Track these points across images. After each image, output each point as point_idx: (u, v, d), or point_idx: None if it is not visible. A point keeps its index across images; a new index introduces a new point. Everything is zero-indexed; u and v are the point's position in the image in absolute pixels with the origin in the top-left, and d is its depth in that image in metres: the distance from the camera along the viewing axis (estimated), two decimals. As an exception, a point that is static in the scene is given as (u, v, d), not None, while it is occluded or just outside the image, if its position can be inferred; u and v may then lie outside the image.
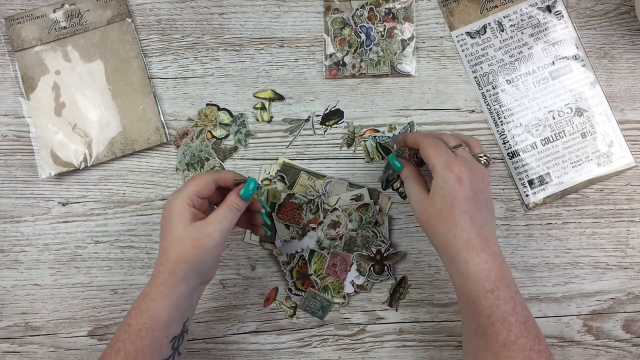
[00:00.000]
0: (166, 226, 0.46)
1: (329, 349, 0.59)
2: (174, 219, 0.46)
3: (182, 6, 0.61)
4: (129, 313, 0.46)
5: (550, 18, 0.61)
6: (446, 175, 0.46)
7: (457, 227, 0.45)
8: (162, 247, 0.47)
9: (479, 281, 0.44)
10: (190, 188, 0.47)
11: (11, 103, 0.60)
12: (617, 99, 0.60)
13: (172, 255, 0.46)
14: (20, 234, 0.59)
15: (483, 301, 0.44)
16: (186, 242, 0.46)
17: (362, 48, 0.60)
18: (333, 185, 0.59)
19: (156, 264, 0.47)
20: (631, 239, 0.60)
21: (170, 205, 0.47)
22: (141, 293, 0.47)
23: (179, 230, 0.46)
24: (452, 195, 0.45)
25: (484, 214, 0.46)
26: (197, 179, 0.48)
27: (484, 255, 0.44)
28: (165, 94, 0.61)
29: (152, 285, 0.46)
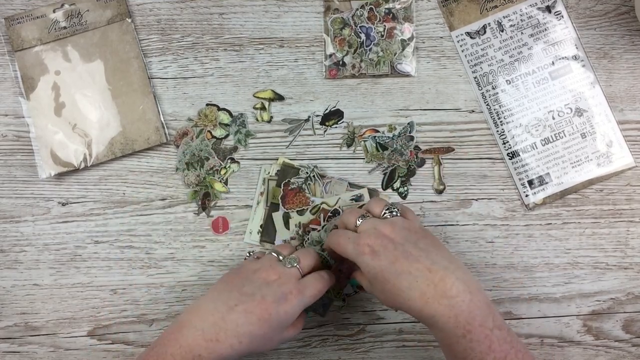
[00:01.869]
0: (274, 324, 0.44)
1: (329, 349, 0.59)
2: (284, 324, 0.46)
3: (182, 6, 0.61)
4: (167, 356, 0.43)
5: (550, 18, 0.61)
6: (362, 259, 0.45)
7: (404, 290, 0.43)
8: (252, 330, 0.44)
9: (449, 330, 0.42)
10: (313, 301, 0.47)
11: (11, 103, 0.60)
12: (617, 99, 0.60)
13: (255, 346, 0.45)
14: (20, 234, 0.60)
15: (456, 347, 0.42)
16: (272, 344, 0.46)
17: (362, 48, 0.60)
18: (333, 186, 0.59)
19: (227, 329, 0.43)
20: (631, 239, 0.60)
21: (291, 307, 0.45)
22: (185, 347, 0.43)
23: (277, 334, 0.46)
24: (380, 271, 0.44)
25: (423, 257, 0.44)
26: (320, 293, 0.48)
27: (446, 300, 0.42)
28: (165, 94, 0.61)
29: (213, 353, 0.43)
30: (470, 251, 0.60)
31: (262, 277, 0.46)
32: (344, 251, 0.47)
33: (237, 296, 0.45)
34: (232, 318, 0.44)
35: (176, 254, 0.59)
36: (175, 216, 0.60)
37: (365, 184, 0.60)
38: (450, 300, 0.42)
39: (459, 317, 0.42)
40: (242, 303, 0.44)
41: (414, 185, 0.60)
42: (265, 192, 0.59)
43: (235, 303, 0.44)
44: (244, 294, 0.45)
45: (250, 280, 0.46)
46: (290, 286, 0.46)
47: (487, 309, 0.43)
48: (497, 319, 0.43)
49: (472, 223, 0.60)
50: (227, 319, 0.44)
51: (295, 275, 0.47)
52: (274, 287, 0.45)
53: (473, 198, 0.60)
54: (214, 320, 0.44)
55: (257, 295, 0.44)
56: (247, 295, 0.45)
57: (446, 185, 0.60)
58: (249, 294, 0.45)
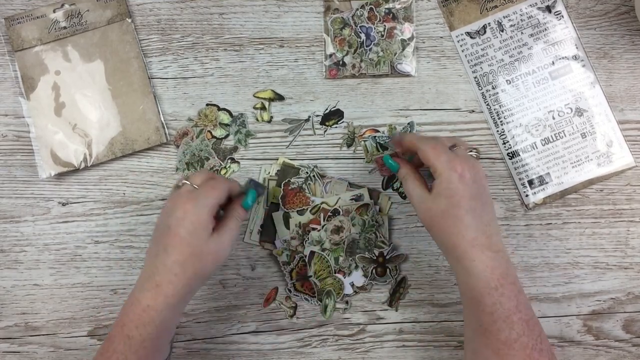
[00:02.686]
0: (187, 237, 0.45)
1: (329, 349, 0.59)
2: (199, 232, 0.45)
3: (182, 6, 0.61)
4: (126, 324, 0.44)
5: (550, 18, 0.61)
6: (450, 176, 0.46)
7: (464, 226, 0.45)
8: (176, 259, 0.44)
9: (483, 278, 0.44)
10: (213, 200, 0.46)
11: (11, 103, 0.60)
12: (617, 99, 0.60)
13: (191, 269, 0.45)
14: (20, 234, 0.59)
15: (486, 298, 0.44)
16: (208, 257, 0.46)
17: (362, 48, 0.60)
18: (333, 185, 0.59)
19: (159, 271, 0.45)
20: (631, 239, 0.60)
21: (190, 215, 0.45)
22: (136, 303, 0.45)
23: (201, 244, 0.45)
24: (459, 195, 0.45)
25: (487, 211, 0.47)
26: (218, 189, 0.47)
27: (490, 252, 0.45)
28: (165, 94, 0.61)
29: (159, 297, 0.44)
30: (470, 251, 0.60)
31: (164, 211, 0.48)
32: (435, 157, 0.47)
33: (156, 242, 0.46)
34: (159, 261, 0.45)
35: (176, 254, 0.59)
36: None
37: (365, 184, 0.60)
38: (493, 255, 0.45)
39: (495, 269, 0.44)
40: (160, 244, 0.46)
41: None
42: (266, 193, 0.59)
43: (156, 248, 0.46)
44: (158, 237, 0.46)
45: (159, 221, 0.48)
46: (184, 200, 0.46)
47: (516, 276, 0.46)
48: (522, 287, 0.46)
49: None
50: (156, 263, 0.45)
51: (187, 189, 0.48)
52: (174, 212, 0.46)
53: (473, 198, 0.60)
54: (151, 271, 0.45)
55: (165, 228, 0.46)
56: (160, 235, 0.46)
57: (446, 185, 0.60)
58: (160, 233, 0.46)
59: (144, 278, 0.46)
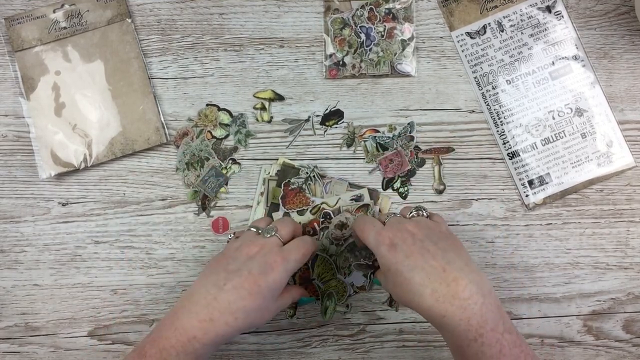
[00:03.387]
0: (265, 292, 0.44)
1: (329, 349, 0.59)
2: (275, 292, 0.46)
3: (182, 6, 0.61)
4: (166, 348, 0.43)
5: (550, 18, 0.61)
6: (379, 250, 0.46)
7: (416, 285, 0.43)
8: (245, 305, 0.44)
9: (460, 332, 0.42)
10: (299, 264, 0.47)
11: (11, 103, 0.60)
12: (617, 99, 0.60)
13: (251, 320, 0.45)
14: (20, 234, 0.60)
15: (467, 350, 0.42)
16: (268, 314, 0.47)
17: (362, 48, 0.60)
18: (333, 186, 0.59)
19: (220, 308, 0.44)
20: (631, 239, 0.60)
21: (275, 274, 0.45)
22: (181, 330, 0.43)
23: (271, 303, 0.46)
24: (394, 264, 0.44)
25: (439, 256, 0.44)
26: (308, 253, 0.48)
27: (458, 301, 0.42)
28: (165, 94, 0.61)
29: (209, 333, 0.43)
30: (470, 251, 0.60)
31: (245, 253, 0.47)
32: (365, 238, 0.48)
33: (224, 275, 0.45)
34: (223, 297, 0.44)
35: (176, 254, 0.59)
36: (175, 216, 0.60)
37: (365, 184, 0.60)
38: (462, 302, 0.42)
39: (470, 320, 0.41)
40: (230, 280, 0.45)
41: (414, 186, 0.60)
42: (266, 192, 0.59)
43: (224, 282, 0.45)
44: (230, 272, 0.45)
45: (234, 258, 0.47)
46: (274, 255, 0.46)
47: (498, 312, 0.43)
48: (507, 323, 0.43)
49: (473, 223, 0.60)
50: (219, 298, 0.44)
51: (276, 243, 0.48)
52: (258, 259, 0.46)
53: (473, 198, 0.60)
54: (207, 301, 0.44)
55: (244, 270, 0.45)
56: (234, 273, 0.45)
57: (446, 185, 0.60)
58: (235, 271, 0.45)
59: (198, 305, 0.44)
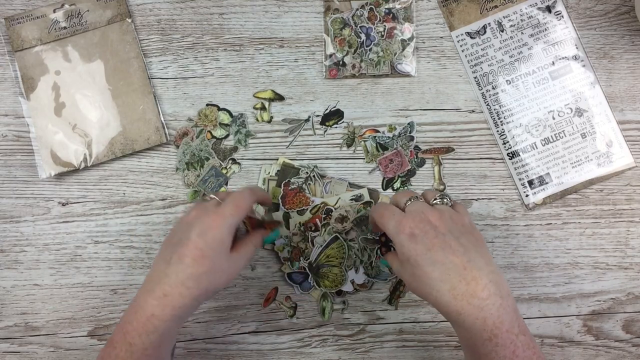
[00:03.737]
0: (208, 253, 0.44)
1: (329, 349, 0.59)
2: (220, 250, 0.45)
3: (182, 6, 0.61)
4: (129, 331, 0.44)
5: (550, 18, 0.61)
6: (400, 239, 0.44)
7: (435, 280, 0.42)
8: (193, 272, 0.44)
9: (475, 331, 0.41)
10: (236, 218, 0.46)
11: (11, 103, 0.60)
12: (617, 99, 0.60)
13: (204, 284, 0.44)
14: (20, 234, 0.60)
15: (481, 349, 0.42)
16: (223, 274, 0.46)
17: (362, 48, 0.60)
18: (333, 186, 0.59)
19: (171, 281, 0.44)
20: (631, 239, 0.60)
21: (214, 232, 0.45)
22: (140, 311, 0.44)
23: (220, 262, 0.45)
24: (414, 255, 0.43)
25: (461, 252, 0.43)
26: (243, 205, 0.47)
27: (477, 300, 0.41)
28: (165, 94, 0.61)
29: (166, 307, 0.43)
30: (470, 251, 0.60)
31: (185, 221, 0.47)
32: (385, 225, 0.47)
33: (170, 249, 0.45)
34: (171, 270, 0.44)
35: (176, 254, 0.59)
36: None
37: (365, 184, 0.60)
38: (480, 302, 0.41)
39: (487, 320, 0.41)
40: (175, 252, 0.44)
41: (414, 185, 0.60)
42: (266, 191, 0.59)
43: (170, 256, 0.45)
44: (175, 244, 0.45)
45: (177, 230, 0.47)
46: (209, 214, 0.46)
47: (515, 314, 0.43)
48: (521, 325, 0.43)
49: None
50: (167, 272, 0.44)
51: (213, 204, 0.47)
52: (195, 224, 0.45)
53: (473, 198, 0.60)
54: (158, 278, 0.44)
55: (184, 239, 0.45)
56: (177, 244, 0.45)
57: (446, 185, 0.60)
58: (178, 242, 0.45)
59: (152, 283, 0.45)
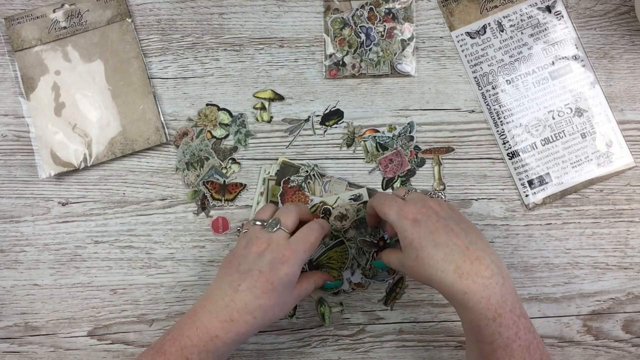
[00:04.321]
0: (279, 288, 0.45)
1: (329, 349, 0.59)
2: (290, 286, 0.46)
3: (182, 6, 0.61)
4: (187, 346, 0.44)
5: (550, 18, 0.61)
6: (402, 224, 0.45)
7: (439, 261, 0.43)
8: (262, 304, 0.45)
9: (480, 310, 0.42)
10: (309, 253, 0.47)
11: (11, 103, 0.60)
12: (617, 99, 0.60)
13: (270, 317, 0.46)
14: (20, 234, 0.60)
15: (485, 330, 0.42)
16: (286, 307, 0.47)
17: (362, 48, 0.60)
18: (332, 185, 0.59)
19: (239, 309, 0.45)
20: (631, 239, 0.60)
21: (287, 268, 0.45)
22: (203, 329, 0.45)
23: (287, 297, 0.47)
24: (417, 239, 0.44)
25: (462, 235, 0.44)
26: (314, 240, 0.47)
27: (480, 279, 0.42)
28: (165, 94, 0.61)
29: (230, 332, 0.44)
30: (470, 251, 0.60)
31: (254, 251, 0.47)
32: (386, 212, 0.47)
33: (237, 276, 0.46)
34: (239, 298, 0.45)
35: (176, 254, 0.59)
36: (175, 216, 0.60)
37: (365, 184, 0.60)
38: (485, 281, 0.42)
39: (491, 299, 0.42)
40: (244, 281, 0.45)
41: (414, 185, 0.60)
42: (265, 192, 0.59)
43: (238, 283, 0.45)
44: (242, 273, 0.46)
45: (244, 257, 0.47)
46: (282, 249, 0.46)
47: (516, 296, 0.44)
48: (522, 308, 0.44)
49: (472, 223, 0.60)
50: (235, 299, 0.45)
51: (283, 236, 0.48)
52: (267, 256, 0.46)
53: (473, 198, 0.60)
54: (225, 302, 0.45)
55: (254, 270, 0.45)
56: (246, 273, 0.46)
57: (446, 185, 0.60)
58: (247, 271, 0.46)
59: (217, 306, 0.45)
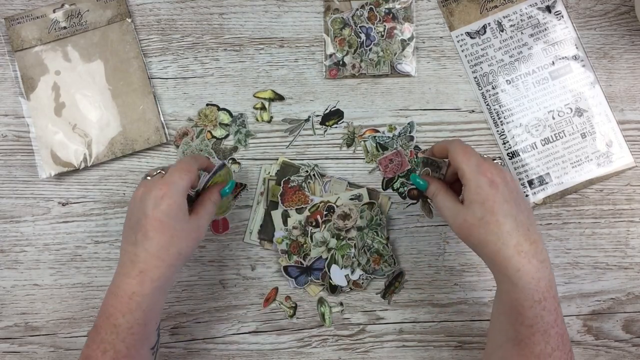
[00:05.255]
0: (167, 221, 0.45)
1: (329, 349, 0.59)
2: (177, 215, 0.46)
3: (182, 6, 0.61)
4: (112, 314, 0.44)
5: (550, 18, 0.61)
6: (480, 180, 0.43)
7: (505, 232, 0.43)
8: (158, 242, 0.45)
9: (528, 290, 0.42)
10: (186, 182, 0.46)
11: (11, 103, 0.60)
12: (617, 99, 0.60)
13: (174, 251, 0.45)
14: (20, 234, 0.60)
15: (528, 311, 0.42)
16: (189, 237, 0.46)
17: (362, 48, 0.60)
18: (332, 185, 0.59)
19: (144, 258, 0.45)
20: (631, 239, 0.60)
21: (168, 199, 0.45)
22: (120, 293, 0.45)
23: (182, 225, 0.46)
24: (491, 200, 0.43)
25: (525, 215, 0.44)
26: (189, 170, 0.47)
27: (535, 262, 0.43)
28: (165, 94, 0.61)
29: (144, 283, 0.44)
30: (470, 251, 0.59)
31: (137, 200, 0.47)
32: (464, 160, 0.45)
33: (131, 231, 0.46)
34: (140, 250, 0.45)
35: (176, 254, 0.59)
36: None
37: (365, 184, 0.60)
38: (539, 264, 0.43)
39: (541, 281, 0.42)
40: (137, 232, 0.45)
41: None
42: (265, 192, 0.59)
43: (134, 237, 0.46)
44: (134, 225, 0.46)
45: (131, 211, 0.48)
46: (158, 185, 0.46)
47: (556, 286, 0.44)
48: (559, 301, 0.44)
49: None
50: (137, 251, 0.45)
51: (158, 177, 0.48)
52: (146, 198, 0.46)
53: (473, 198, 0.60)
54: (130, 259, 0.45)
55: (141, 216, 0.45)
56: (136, 223, 0.46)
57: (446, 185, 0.60)
58: (137, 222, 0.46)
59: (125, 266, 0.45)
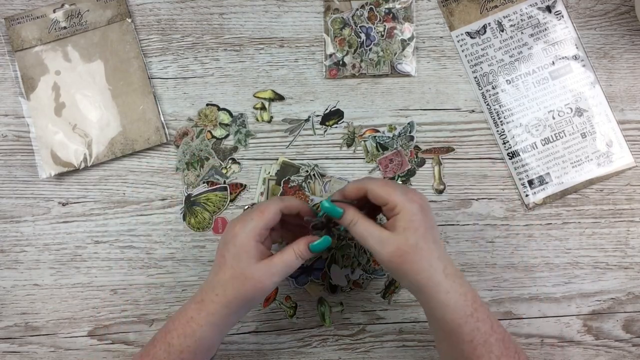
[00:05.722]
0: (229, 260, 0.45)
1: (329, 349, 0.59)
2: (241, 256, 0.45)
3: (182, 6, 0.61)
4: (170, 332, 0.46)
5: (550, 18, 0.61)
6: (412, 208, 0.44)
7: (434, 258, 0.44)
8: (219, 279, 0.45)
9: (460, 308, 0.43)
10: (259, 223, 0.45)
11: (11, 103, 0.60)
12: (617, 99, 0.60)
13: (231, 292, 0.45)
14: (20, 234, 0.60)
15: (464, 327, 0.43)
16: (249, 282, 0.45)
17: (362, 48, 0.60)
18: (332, 185, 0.59)
19: (206, 288, 0.46)
20: (631, 239, 0.60)
21: (235, 239, 0.45)
22: (183, 313, 0.46)
23: (244, 268, 0.45)
24: (423, 227, 0.44)
25: (438, 235, 0.46)
26: (266, 211, 0.46)
27: (458, 279, 0.44)
28: (165, 94, 0.61)
29: (202, 312, 0.45)
30: (470, 251, 0.60)
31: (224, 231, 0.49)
32: (389, 193, 0.45)
33: (214, 259, 0.48)
34: (209, 277, 0.47)
35: (176, 254, 0.59)
36: (175, 216, 0.60)
37: (365, 184, 0.60)
38: (461, 280, 0.44)
39: (467, 294, 0.44)
40: (214, 262, 0.47)
41: (414, 185, 0.60)
42: (266, 192, 0.59)
43: (212, 266, 0.48)
44: (216, 255, 0.48)
45: (220, 241, 0.48)
46: (236, 222, 0.47)
47: (478, 294, 0.46)
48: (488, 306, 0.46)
49: (472, 223, 0.60)
50: (207, 280, 0.47)
51: (248, 211, 0.48)
52: (224, 235, 0.47)
53: (473, 198, 0.60)
54: (201, 287, 0.47)
55: (220, 248, 0.47)
56: (216, 255, 0.47)
57: (446, 185, 0.60)
58: (217, 253, 0.48)
59: (197, 291, 0.47)
